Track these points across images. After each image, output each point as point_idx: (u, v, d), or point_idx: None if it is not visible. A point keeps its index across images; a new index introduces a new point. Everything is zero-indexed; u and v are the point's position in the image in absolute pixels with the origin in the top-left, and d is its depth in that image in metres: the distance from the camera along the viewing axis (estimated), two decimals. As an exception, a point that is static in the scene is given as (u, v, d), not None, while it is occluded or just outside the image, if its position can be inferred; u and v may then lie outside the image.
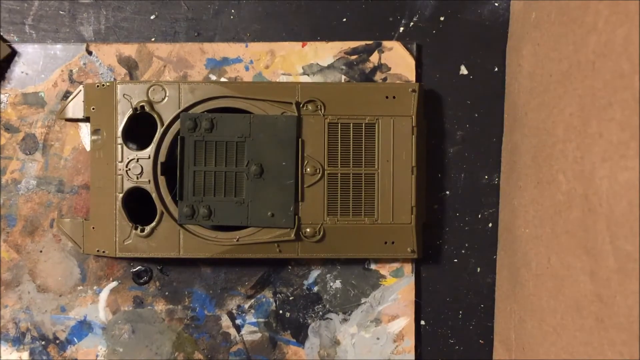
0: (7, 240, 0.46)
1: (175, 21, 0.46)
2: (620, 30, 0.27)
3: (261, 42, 0.46)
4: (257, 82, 0.45)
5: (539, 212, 0.37)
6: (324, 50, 0.46)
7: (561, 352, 0.33)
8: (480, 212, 0.46)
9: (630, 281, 0.26)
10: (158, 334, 0.46)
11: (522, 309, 0.40)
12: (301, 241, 0.43)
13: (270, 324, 0.46)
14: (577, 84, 0.31)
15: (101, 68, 0.46)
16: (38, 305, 0.46)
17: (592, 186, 0.29)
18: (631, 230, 0.26)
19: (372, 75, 0.46)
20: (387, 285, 0.46)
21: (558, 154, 0.34)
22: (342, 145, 0.43)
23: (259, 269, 0.46)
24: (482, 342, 0.47)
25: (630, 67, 0.26)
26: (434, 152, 0.46)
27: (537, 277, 0.37)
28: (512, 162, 0.43)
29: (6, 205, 0.46)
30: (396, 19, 0.46)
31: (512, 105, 0.44)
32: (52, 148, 0.46)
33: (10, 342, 0.46)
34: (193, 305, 0.46)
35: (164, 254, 0.43)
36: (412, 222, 0.44)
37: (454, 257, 0.47)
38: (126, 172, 0.43)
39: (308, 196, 0.43)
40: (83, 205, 0.46)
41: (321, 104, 0.43)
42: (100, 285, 0.46)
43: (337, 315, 0.46)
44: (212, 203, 0.43)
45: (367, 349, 0.46)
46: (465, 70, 0.46)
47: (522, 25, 0.42)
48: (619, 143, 0.27)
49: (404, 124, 0.44)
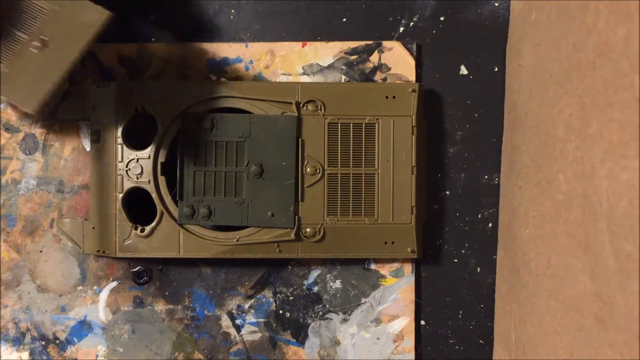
0: (7, 240, 0.46)
1: (175, 21, 0.46)
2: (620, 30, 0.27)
3: (261, 42, 0.46)
4: (257, 82, 0.45)
5: (539, 212, 0.37)
6: (324, 50, 0.46)
7: (561, 352, 0.33)
8: (480, 212, 0.47)
9: (630, 281, 0.26)
10: (158, 334, 0.46)
11: (522, 309, 0.40)
12: (301, 241, 0.43)
13: (270, 324, 0.46)
14: (577, 84, 0.31)
15: (101, 68, 0.46)
16: (38, 305, 0.46)
17: (592, 186, 0.29)
18: (631, 230, 0.26)
19: (372, 75, 0.46)
20: (387, 285, 0.46)
21: (558, 154, 0.34)
22: (342, 145, 0.43)
23: (259, 269, 0.46)
24: (482, 342, 0.47)
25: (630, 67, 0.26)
26: (434, 152, 0.46)
27: (537, 277, 0.37)
28: (512, 162, 0.43)
29: (6, 205, 0.46)
30: (396, 19, 0.46)
31: (512, 105, 0.44)
32: (52, 148, 0.46)
33: (10, 342, 0.46)
34: (193, 305, 0.46)
35: (164, 254, 0.43)
36: (412, 222, 0.44)
37: (454, 257, 0.47)
38: (126, 172, 0.43)
39: (308, 196, 0.43)
40: (83, 205, 0.46)
41: (321, 104, 0.43)
42: (100, 285, 0.46)
43: (337, 315, 0.46)
44: (212, 203, 0.43)
45: (367, 349, 0.46)
46: (465, 70, 0.46)
47: (522, 25, 0.42)
48: (619, 143, 0.27)
49: (404, 124, 0.44)
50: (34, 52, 0.37)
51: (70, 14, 0.38)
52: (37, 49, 0.37)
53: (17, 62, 0.38)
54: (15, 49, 0.38)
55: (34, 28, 0.38)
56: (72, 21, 0.38)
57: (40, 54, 0.37)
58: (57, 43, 0.38)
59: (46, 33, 0.38)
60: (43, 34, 0.37)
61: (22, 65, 0.38)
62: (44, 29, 0.38)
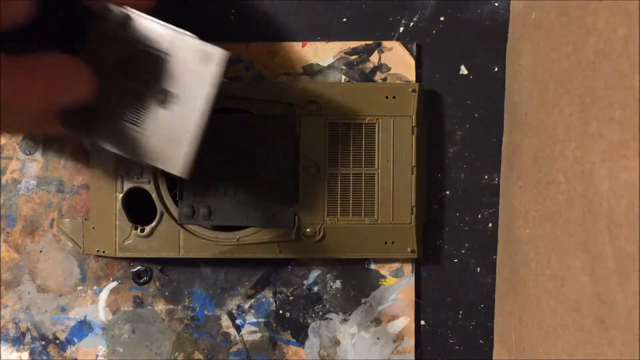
0: (7, 240, 0.46)
1: (175, 21, 0.46)
2: (620, 30, 0.27)
3: (261, 42, 0.46)
4: (257, 82, 0.45)
5: (539, 212, 0.37)
6: (324, 50, 0.46)
7: (561, 352, 0.33)
8: (480, 212, 0.46)
9: (630, 281, 0.26)
10: (158, 334, 0.46)
11: (522, 309, 0.40)
12: (301, 241, 0.43)
13: (270, 324, 0.46)
14: (577, 84, 0.31)
15: (101, 68, 0.46)
16: (38, 305, 0.46)
17: (592, 186, 0.29)
18: (631, 230, 0.26)
19: (372, 75, 0.46)
20: (387, 285, 0.46)
21: (558, 154, 0.34)
22: (342, 145, 0.44)
23: (259, 269, 0.46)
24: (482, 342, 0.47)
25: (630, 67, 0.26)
26: (434, 152, 0.46)
27: (537, 277, 0.37)
28: (512, 162, 0.43)
29: (6, 205, 0.46)
30: (396, 19, 0.46)
31: (512, 105, 0.44)
32: (52, 148, 0.46)
33: (10, 342, 0.46)
34: (193, 305, 0.46)
35: (164, 254, 0.43)
36: (412, 222, 0.44)
37: (454, 257, 0.47)
38: (126, 172, 0.43)
39: (308, 196, 0.43)
40: (83, 205, 0.46)
41: (321, 104, 0.43)
42: (100, 285, 0.46)
43: (337, 315, 0.46)
44: (212, 203, 0.43)
45: (367, 349, 0.46)
46: (465, 70, 0.46)
47: (522, 25, 0.42)
48: (619, 143, 0.27)
49: (404, 124, 0.44)
50: (161, 109, 0.34)
51: (188, 59, 0.35)
52: (163, 104, 0.34)
53: (149, 121, 0.34)
54: (143, 107, 0.35)
55: (156, 81, 0.34)
56: (191, 67, 0.34)
57: (169, 110, 0.34)
58: (182, 94, 0.34)
59: (168, 85, 0.34)
60: (166, 86, 0.34)
61: (155, 125, 0.35)
62: (165, 80, 0.34)
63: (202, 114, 0.34)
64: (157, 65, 0.34)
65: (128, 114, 0.34)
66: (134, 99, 0.34)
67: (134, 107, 0.34)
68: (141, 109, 0.34)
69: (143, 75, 0.34)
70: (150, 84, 0.34)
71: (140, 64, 0.34)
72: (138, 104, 0.34)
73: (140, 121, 0.35)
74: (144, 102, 0.34)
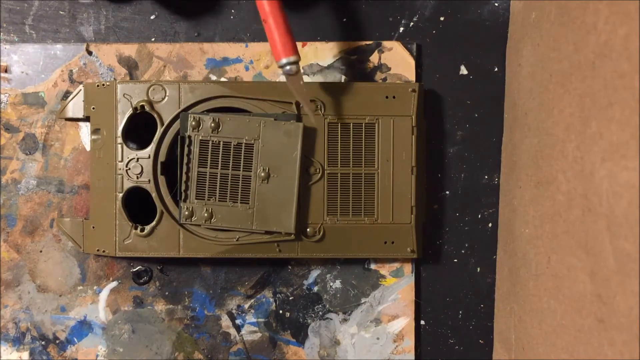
0: (7, 240, 0.46)
1: (175, 21, 0.46)
2: (620, 30, 0.27)
3: (261, 42, 0.46)
4: (257, 82, 0.45)
5: (539, 212, 0.37)
6: (324, 50, 0.46)
7: (561, 352, 0.33)
8: (480, 212, 0.47)
9: (630, 281, 0.26)
10: (158, 334, 0.46)
11: (522, 309, 0.40)
12: (301, 241, 0.43)
13: (270, 324, 0.46)
14: (577, 84, 0.31)
15: (101, 68, 0.46)
16: (38, 305, 0.46)
17: (592, 186, 0.29)
18: (631, 230, 0.26)
19: (372, 75, 0.46)
20: (387, 285, 0.46)
21: (558, 154, 0.34)
22: (342, 145, 0.43)
23: (259, 269, 0.46)
24: (482, 342, 0.47)
25: (630, 67, 0.26)
26: (434, 152, 0.46)
27: (537, 277, 0.37)
28: (512, 162, 0.43)
29: (6, 205, 0.46)
30: (396, 19, 0.46)
31: (512, 105, 0.44)
32: (52, 148, 0.46)
33: (10, 342, 0.46)
34: (193, 305, 0.46)
35: (164, 254, 0.43)
36: (412, 222, 0.44)
37: (454, 257, 0.47)
38: (126, 171, 0.43)
39: (308, 196, 0.43)
40: (83, 205, 0.46)
41: (321, 104, 0.43)
42: (100, 285, 0.46)
43: (337, 315, 0.46)
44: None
45: (367, 349, 0.46)
46: (465, 70, 0.46)
47: (522, 25, 0.42)
48: (619, 143, 0.27)
49: (404, 124, 0.44)
50: (264, 184, 0.42)
51: (275, 138, 0.42)
52: (264, 181, 0.42)
53: (259, 199, 0.42)
54: (251, 189, 0.42)
55: (254, 164, 0.42)
56: (279, 144, 0.42)
57: (270, 184, 0.42)
58: (275, 169, 0.42)
59: (264, 164, 0.42)
60: (262, 166, 0.42)
61: (264, 199, 0.42)
62: (260, 161, 0.42)
63: (298, 177, 0.42)
64: (252, 151, 0.42)
65: (239, 197, 0.42)
66: (241, 183, 0.42)
67: (243, 190, 0.42)
68: (248, 190, 0.42)
69: (243, 163, 0.42)
70: (251, 167, 0.42)
71: (237, 154, 0.42)
72: (245, 187, 0.42)
73: (250, 199, 0.42)
74: (249, 184, 0.42)
